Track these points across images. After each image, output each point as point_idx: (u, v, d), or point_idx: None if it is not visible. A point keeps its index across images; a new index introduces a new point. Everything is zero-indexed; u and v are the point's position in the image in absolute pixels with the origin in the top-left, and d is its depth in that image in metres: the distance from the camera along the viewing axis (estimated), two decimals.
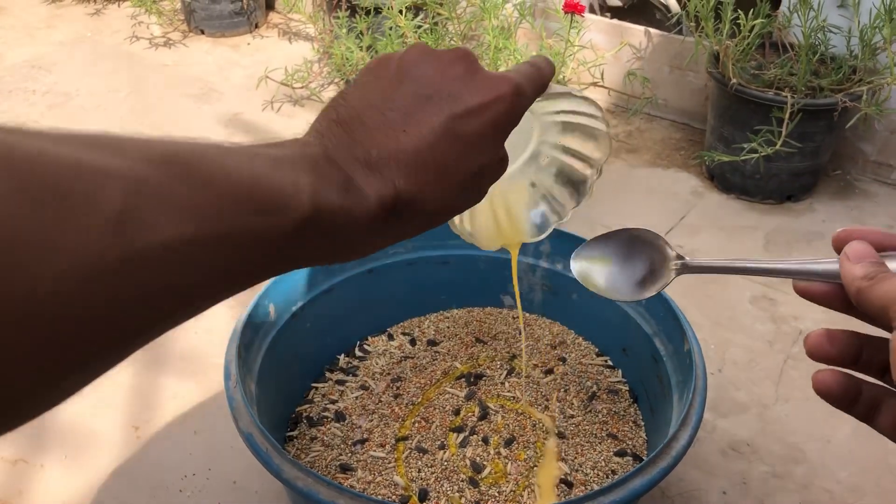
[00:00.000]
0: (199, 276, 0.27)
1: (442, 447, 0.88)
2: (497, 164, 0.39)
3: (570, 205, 0.56)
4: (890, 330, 0.32)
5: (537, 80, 0.40)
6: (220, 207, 0.27)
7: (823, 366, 0.38)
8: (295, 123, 1.83)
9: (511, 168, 0.49)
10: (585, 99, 0.50)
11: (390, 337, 1.04)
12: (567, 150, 0.53)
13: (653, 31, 1.81)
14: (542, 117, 0.51)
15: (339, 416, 0.92)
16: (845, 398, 0.39)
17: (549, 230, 0.59)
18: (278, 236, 0.30)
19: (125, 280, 0.24)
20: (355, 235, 0.34)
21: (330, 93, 1.94)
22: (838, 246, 0.37)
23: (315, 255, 0.34)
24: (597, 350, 1.02)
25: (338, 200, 0.32)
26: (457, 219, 0.56)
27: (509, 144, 0.39)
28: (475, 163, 0.37)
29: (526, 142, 0.53)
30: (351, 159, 0.34)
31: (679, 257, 0.43)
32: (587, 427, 0.91)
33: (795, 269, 0.39)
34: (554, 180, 0.55)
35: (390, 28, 1.63)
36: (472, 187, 0.38)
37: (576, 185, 0.55)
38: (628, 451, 0.88)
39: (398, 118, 0.35)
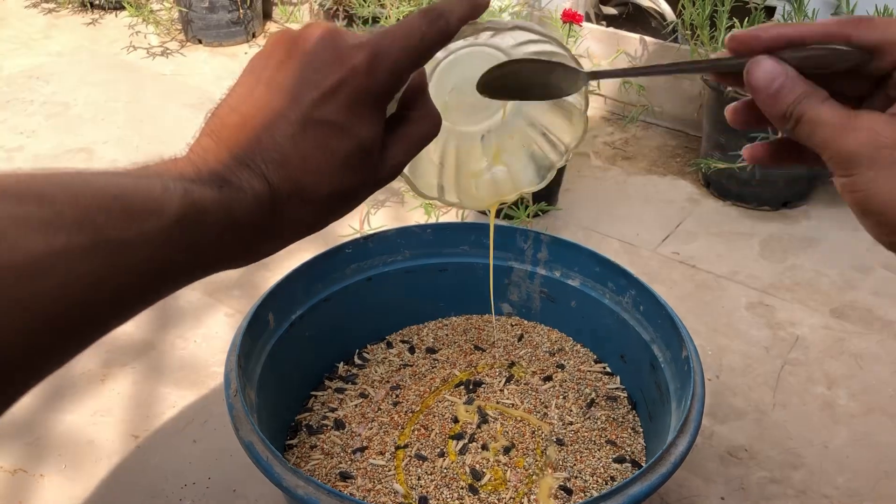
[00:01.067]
0: (85, 288, 0.28)
1: (441, 455, 0.88)
2: (377, 138, 0.37)
3: (567, 139, 0.53)
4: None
5: (411, 35, 0.36)
6: (89, 218, 0.28)
7: None
8: None
9: (504, 111, 0.48)
10: (539, 34, 0.46)
11: (389, 345, 1.05)
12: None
13: (648, 39, 1.83)
14: (511, 52, 0.47)
15: (339, 425, 0.92)
16: (782, 158, 0.42)
17: (552, 173, 0.55)
18: (159, 239, 0.30)
19: (1, 296, 0.25)
20: (244, 229, 0.34)
21: None
22: (736, 46, 0.39)
23: (209, 257, 0.33)
24: (595, 357, 1.03)
25: (211, 196, 0.32)
26: (429, 185, 0.51)
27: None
28: (348, 144, 0.35)
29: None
30: (220, 161, 0.34)
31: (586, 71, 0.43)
32: (586, 434, 0.91)
33: (704, 65, 0.40)
34: (549, 112, 0.51)
35: None
36: (360, 165, 0.37)
37: (568, 114, 0.51)
38: (627, 457, 0.88)
39: (255, 117, 0.35)
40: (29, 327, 0.26)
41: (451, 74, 0.41)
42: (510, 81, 0.42)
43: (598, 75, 0.43)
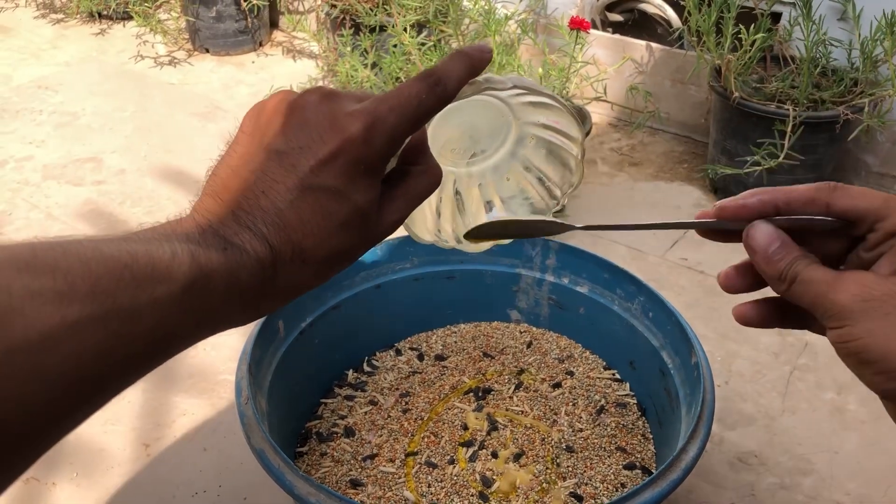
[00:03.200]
0: (97, 357, 0.28)
1: (451, 462, 0.88)
2: (374, 201, 0.37)
3: (563, 184, 0.53)
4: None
5: (408, 101, 0.37)
6: (101, 288, 0.28)
7: None
8: None
9: (500, 155, 0.49)
10: (538, 91, 0.47)
11: (398, 352, 1.05)
12: (548, 127, 0.50)
13: (654, 45, 1.83)
14: (506, 98, 0.48)
15: (349, 432, 0.92)
16: (769, 319, 0.44)
17: (548, 216, 0.55)
18: (168, 304, 0.31)
19: (18, 370, 0.26)
20: (248, 291, 0.35)
21: None
22: (727, 215, 0.42)
23: (214, 319, 0.34)
24: (604, 364, 1.03)
25: (217, 259, 0.33)
26: (427, 229, 0.53)
27: (488, 133, 0.38)
28: (346, 208, 0.36)
29: (503, 126, 0.50)
30: (223, 224, 0.35)
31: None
32: (596, 440, 0.91)
33: (701, 224, 0.43)
34: (545, 160, 0.52)
35: (394, 45, 1.64)
36: (358, 227, 0.37)
37: (565, 162, 0.52)
38: (637, 464, 0.88)
39: (256, 181, 0.36)
40: (44, 398, 0.27)
41: (450, 118, 0.42)
42: (497, 230, 0.47)
43: (591, 228, 0.47)
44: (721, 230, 0.43)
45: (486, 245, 0.55)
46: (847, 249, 0.42)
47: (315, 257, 0.36)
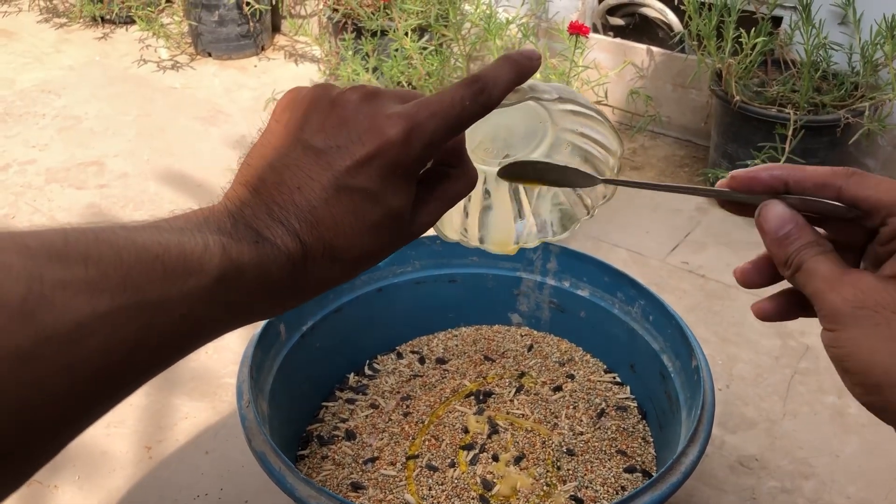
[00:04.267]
0: (126, 348, 0.28)
1: (452, 465, 0.88)
2: (408, 205, 0.37)
3: (595, 195, 0.53)
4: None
5: (451, 108, 0.36)
6: (132, 279, 0.28)
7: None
8: None
9: (534, 157, 0.48)
10: (583, 105, 0.47)
11: (399, 355, 1.05)
12: (586, 136, 0.50)
13: (655, 49, 1.83)
14: (548, 105, 0.48)
15: (350, 435, 0.92)
16: (788, 311, 0.42)
17: (577, 224, 0.55)
18: (199, 296, 0.31)
19: (48, 361, 0.25)
20: (277, 285, 0.35)
21: None
22: (738, 185, 0.41)
23: (242, 312, 0.34)
24: (605, 367, 1.03)
25: (249, 253, 0.33)
26: (453, 228, 0.52)
27: (523, 135, 0.38)
28: (380, 211, 0.36)
29: (539, 130, 0.49)
30: (256, 216, 0.35)
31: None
32: (596, 444, 0.91)
33: (717, 192, 0.42)
34: (579, 168, 0.51)
35: (396, 50, 1.65)
36: (391, 229, 0.37)
37: (600, 173, 0.51)
38: (638, 467, 0.89)
39: (291, 177, 0.36)
40: (75, 389, 0.27)
41: (488, 119, 0.42)
42: (528, 171, 0.45)
43: (612, 182, 0.47)
44: (737, 202, 0.42)
45: (511, 248, 0.54)
46: (867, 240, 0.40)
47: (345, 256, 0.36)
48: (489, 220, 0.52)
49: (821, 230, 0.40)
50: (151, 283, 0.29)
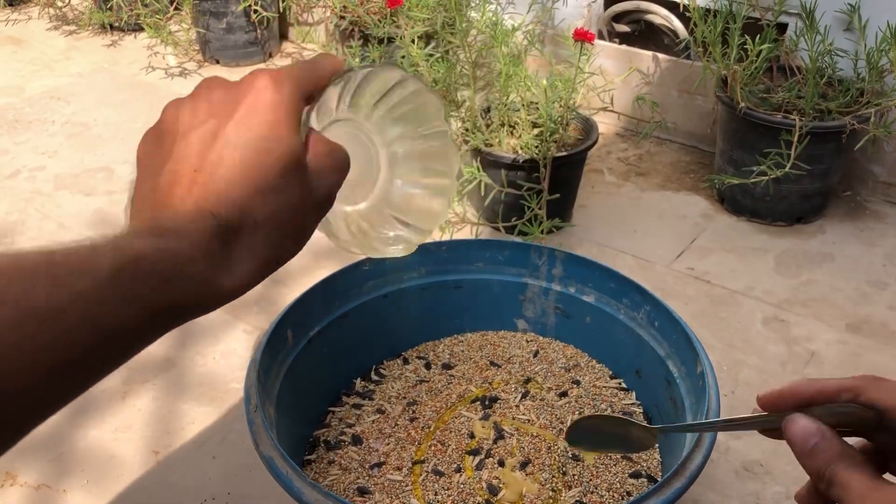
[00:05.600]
0: (20, 360, 0.28)
1: (458, 470, 0.89)
2: (301, 148, 0.38)
3: (453, 167, 0.51)
4: None
5: (298, 72, 0.40)
6: (10, 291, 0.28)
7: None
8: None
9: (372, 200, 0.48)
10: (389, 68, 0.45)
11: (405, 361, 1.06)
12: (418, 134, 0.48)
13: (661, 56, 1.84)
14: (371, 117, 0.46)
15: (356, 440, 0.93)
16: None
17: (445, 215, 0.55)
18: (94, 297, 0.30)
19: None
20: (195, 272, 0.34)
21: None
22: (765, 406, 0.44)
23: (161, 306, 0.33)
24: (611, 373, 1.03)
25: (144, 244, 0.32)
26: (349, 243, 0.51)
27: (357, 177, 0.39)
28: (277, 151, 0.36)
29: (371, 153, 0.47)
30: (156, 215, 0.35)
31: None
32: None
33: (750, 422, 0.45)
34: (421, 172, 0.51)
35: (402, 57, 1.66)
36: (295, 176, 0.37)
37: (444, 154, 0.50)
38: (643, 472, 0.89)
39: (180, 164, 0.36)
40: None
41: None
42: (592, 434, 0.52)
43: (665, 430, 0.51)
44: (776, 429, 0.43)
45: (399, 251, 0.55)
46: None
47: (262, 215, 0.36)
48: (370, 245, 0.53)
49: (858, 438, 0.41)
50: (34, 291, 0.28)
